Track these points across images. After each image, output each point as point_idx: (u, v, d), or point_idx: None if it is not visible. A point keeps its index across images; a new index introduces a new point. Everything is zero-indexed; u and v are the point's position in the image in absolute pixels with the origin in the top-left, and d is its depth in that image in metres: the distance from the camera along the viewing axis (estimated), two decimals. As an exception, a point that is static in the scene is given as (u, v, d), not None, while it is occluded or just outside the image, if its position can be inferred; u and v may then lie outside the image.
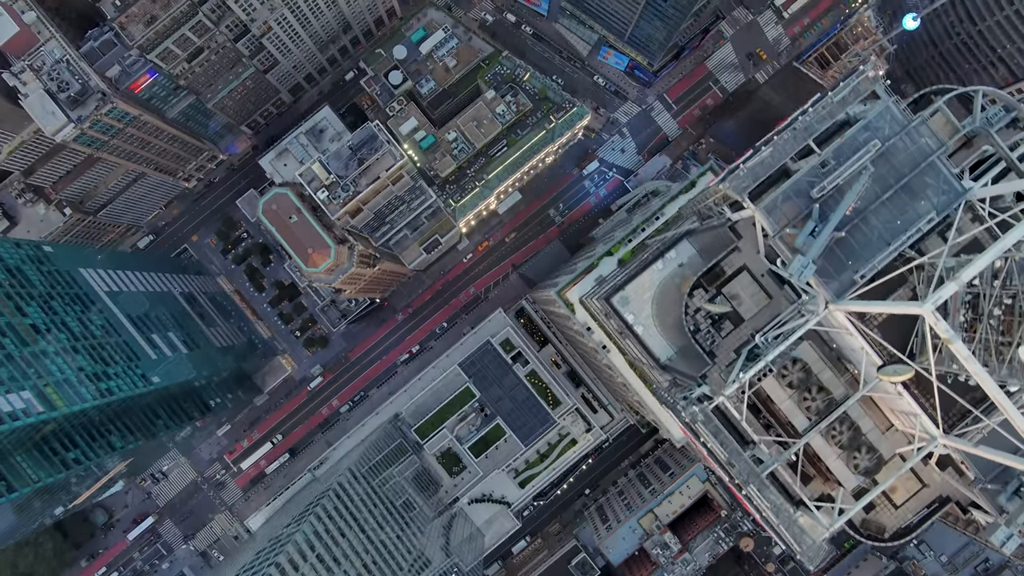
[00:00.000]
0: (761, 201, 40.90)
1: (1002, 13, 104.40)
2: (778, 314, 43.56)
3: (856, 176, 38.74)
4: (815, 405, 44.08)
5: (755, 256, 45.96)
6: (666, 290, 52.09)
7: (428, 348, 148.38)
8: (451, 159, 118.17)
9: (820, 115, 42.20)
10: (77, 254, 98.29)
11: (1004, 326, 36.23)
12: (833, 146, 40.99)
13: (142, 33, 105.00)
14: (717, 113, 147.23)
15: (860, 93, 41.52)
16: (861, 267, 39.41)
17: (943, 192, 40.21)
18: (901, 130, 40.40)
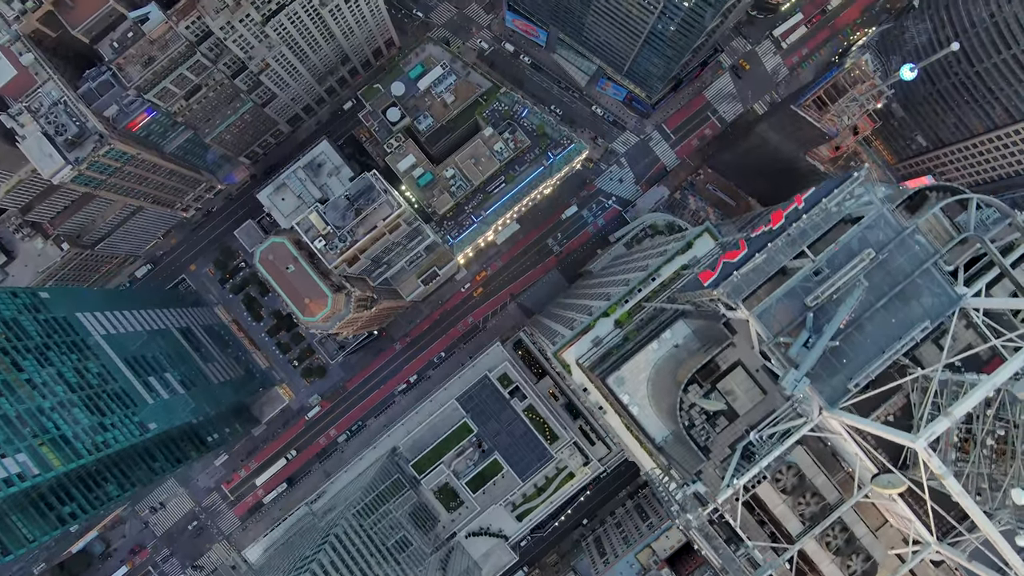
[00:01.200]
0: (755, 306, 40.93)
1: (999, 56, 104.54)
2: (773, 410, 43.61)
3: (850, 288, 38.79)
4: (809, 510, 44.17)
5: (750, 351, 46.03)
6: (662, 371, 52.07)
7: (426, 377, 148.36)
8: (449, 196, 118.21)
9: (814, 221, 42.25)
10: (74, 298, 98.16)
11: (996, 454, 36.33)
12: (827, 253, 41.03)
13: (140, 74, 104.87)
14: (715, 144, 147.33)
15: (856, 197, 41.52)
16: (855, 375, 39.46)
17: (937, 297, 40.24)
18: (896, 236, 40.44)
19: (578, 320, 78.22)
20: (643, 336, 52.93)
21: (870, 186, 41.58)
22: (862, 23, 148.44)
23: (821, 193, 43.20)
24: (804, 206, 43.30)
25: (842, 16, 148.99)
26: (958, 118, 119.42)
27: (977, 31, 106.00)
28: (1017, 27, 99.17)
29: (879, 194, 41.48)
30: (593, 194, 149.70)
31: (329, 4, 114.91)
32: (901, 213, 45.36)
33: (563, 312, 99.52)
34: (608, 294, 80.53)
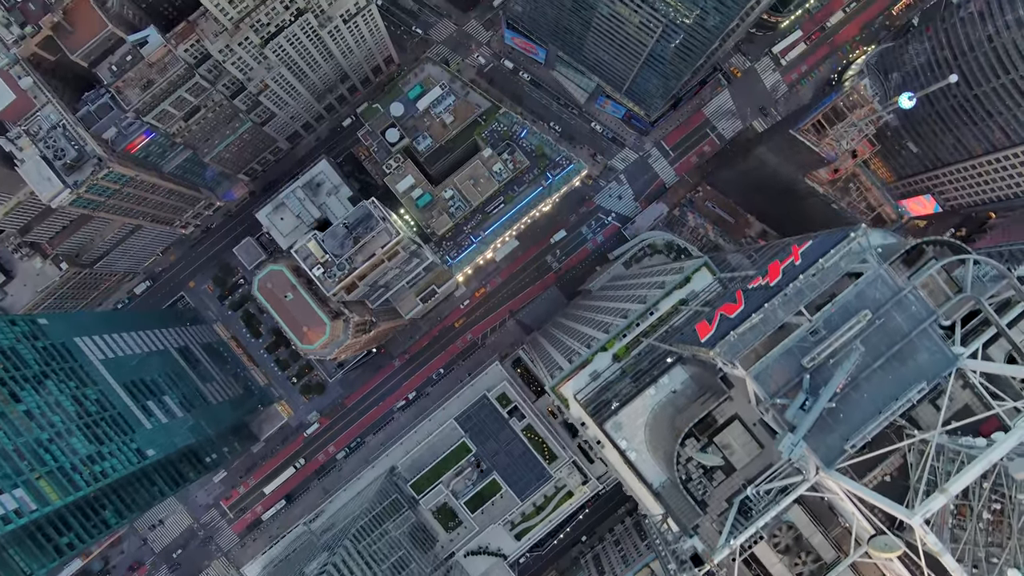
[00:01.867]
0: (752, 365, 40.97)
1: (997, 81, 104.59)
2: (771, 464, 43.63)
3: (847, 352, 38.83)
4: (806, 569, 44.21)
5: (747, 405, 46.08)
6: (660, 417, 52.09)
7: (425, 394, 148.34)
8: (448, 217, 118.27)
9: (811, 281, 42.27)
10: (72, 323, 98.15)
11: (993, 526, 36.36)
12: (824, 313, 41.06)
13: (138, 97, 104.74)
14: (715, 161, 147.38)
15: (853, 256, 41.58)
16: (852, 436, 39.49)
17: (934, 356, 40.26)
18: (892, 296, 40.48)
19: (576, 351, 78.26)
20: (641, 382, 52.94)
21: (867, 245, 41.58)
22: (861, 40, 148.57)
23: (818, 250, 43.20)
24: (801, 262, 43.33)
25: (841, 33, 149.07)
26: (957, 139, 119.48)
27: (975, 55, 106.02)
28: (1016, 53, 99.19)
29: (875, 254, 41.48)
30: (592, 211, 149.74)
31: (328, 26, 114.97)
32: (898, 267, 45.39)
33: (562, 336, 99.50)
34: (606, 324, 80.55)
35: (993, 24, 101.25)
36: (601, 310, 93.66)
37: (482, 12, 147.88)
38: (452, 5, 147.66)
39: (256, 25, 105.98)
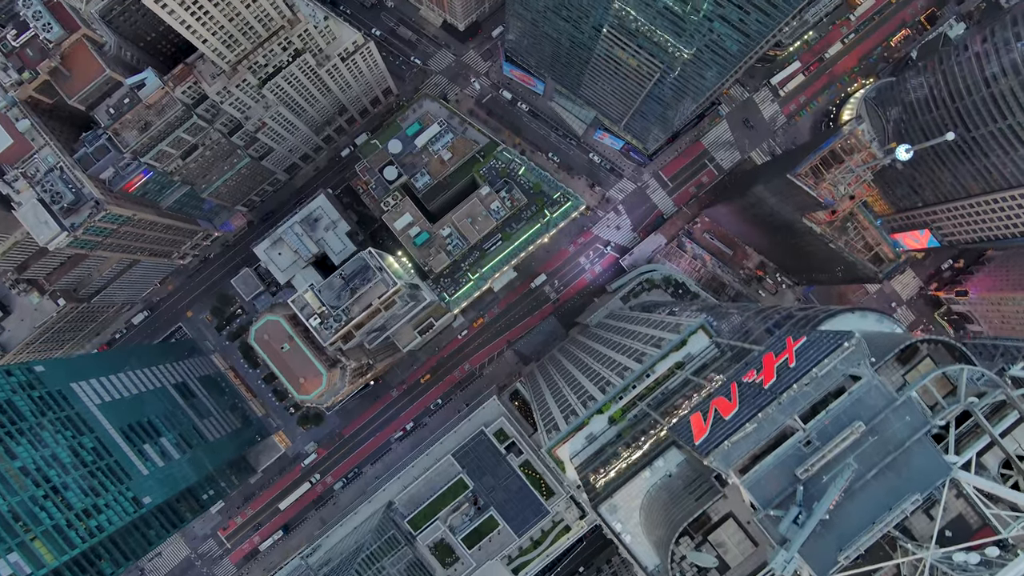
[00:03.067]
0: (746, 475, 40.96)
1: (995, 125, 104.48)
2: (765, 563, 43.60)
3: (841, 469, 38.84)
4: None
5: (741, 503, 46.09)
6: (655, 500, 52.07)
7: (422, 425, 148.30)
8: (446, 255, 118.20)
9: (805, 391, 42.27)
10: (69, 368, 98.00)
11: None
12: (817, 423, 41.06)
13: (136, 138, 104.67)
14: (713, 193, 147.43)
15: (848, 364, 41.56)
16: (845, 547, 39.47)
17: (927, 464, 40.26)
18: (887, 406, 40.48)
19: (573, 407, 78.15)
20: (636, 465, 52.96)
21: (861, 354, 41.57)
22: (859, 72, 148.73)
23: (812, 352, 43.17)
24: (796, 364, 43.32)
25: (840, 64, 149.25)
26: (954, 177, 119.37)
27: (973, 99, 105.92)
28: (1013, 100, 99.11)
29: (869, 363, 41.46)
30: (590, 241, 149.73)
31: (326, 64, 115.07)
32: (892, 364, 45.36)
33: (559, 381, 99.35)
34: (603, 379, 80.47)
35: (990, 68, 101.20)
36: (599, 357, 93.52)
37: (480, 43, 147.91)
38: (450, 36, 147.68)
39: (254, 67, 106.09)
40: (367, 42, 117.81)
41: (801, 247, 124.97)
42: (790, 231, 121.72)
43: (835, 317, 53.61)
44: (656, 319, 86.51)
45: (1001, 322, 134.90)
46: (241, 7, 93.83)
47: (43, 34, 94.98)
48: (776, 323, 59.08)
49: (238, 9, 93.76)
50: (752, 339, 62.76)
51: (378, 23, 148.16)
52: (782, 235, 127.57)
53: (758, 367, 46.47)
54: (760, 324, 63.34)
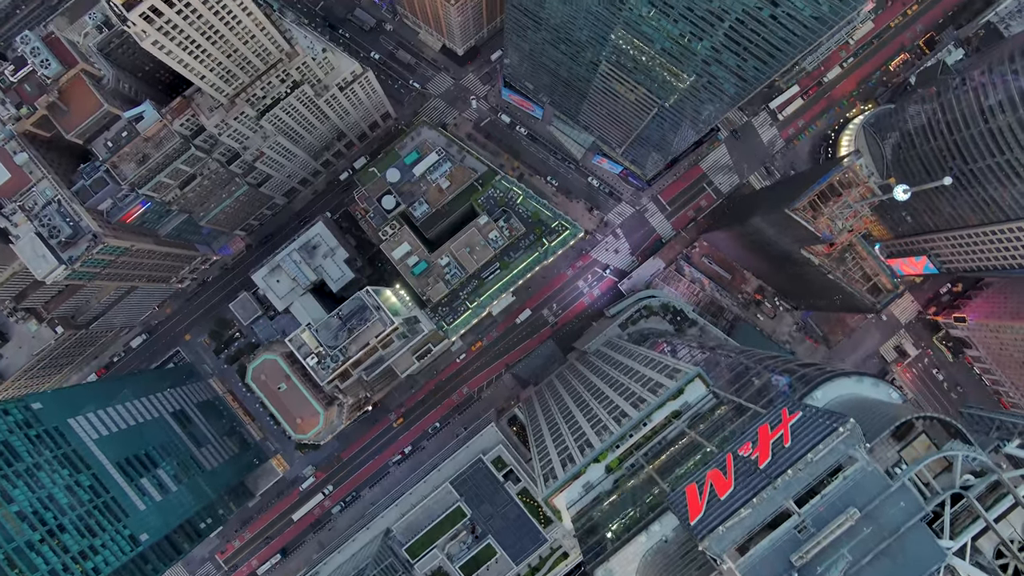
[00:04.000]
0: (742, 559, 40.91)
1: (993, 159, 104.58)
2: (759, 639, 43.54)
3: (835, 560, 38.80)
4: None
5: (736, 578, 46.12)
6: (651, 565, 52.04)
7: (420, 448, 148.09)
8: (444, 285, 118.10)
9: (799, 475, 42.24)
10: (66, 402, 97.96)
11: None
12: (812, 508, 41.03)
13: (134, 171, 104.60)
14: (711, 217, 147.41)
15: (838, 453, 41.56)
16: (841, 634, 39.48)
17: (922, 549, 40.23)
18: (881, 492, 40.46)
19: (570, 452, 78.08)
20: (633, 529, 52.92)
21: (855, 439, 41.53)
22: (858, 96, 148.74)
23: (807, 435, 43.13)
24: (791, 445, 43.29)
25: (838, 88, 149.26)
26: (953, 208, 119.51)
27: (971, 132, 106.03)
28: (1011, 135, 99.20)
29: (864, 449, 41.43)
30: (588, 264, 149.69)
31: (325, 95, 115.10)
32: (887, 440, 45.35)
33: (556, 417, 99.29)
34: (600, 421, 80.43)
35: (988, 103, 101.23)
36: (597, 394, 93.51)
37: (479, 66, 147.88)
38: (449, 59, 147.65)
39: (252, 99, 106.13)
40: (365, 72, 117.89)
41: (799, 275, 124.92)
42: (788, 260, 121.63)
43: (832, 381, 53.60)
44: (654, 359, 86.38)
45: (1000, 349, 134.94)
46: (239, 44, 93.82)
47: (41, 70, 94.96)
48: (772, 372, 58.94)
49: (236, 46, 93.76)
50: (749, 393, 62.71)
51: (377, 47, 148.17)
52: (780, 263, 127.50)
53: (754, 440, 46.44)
54: (758, 374, 63.30)
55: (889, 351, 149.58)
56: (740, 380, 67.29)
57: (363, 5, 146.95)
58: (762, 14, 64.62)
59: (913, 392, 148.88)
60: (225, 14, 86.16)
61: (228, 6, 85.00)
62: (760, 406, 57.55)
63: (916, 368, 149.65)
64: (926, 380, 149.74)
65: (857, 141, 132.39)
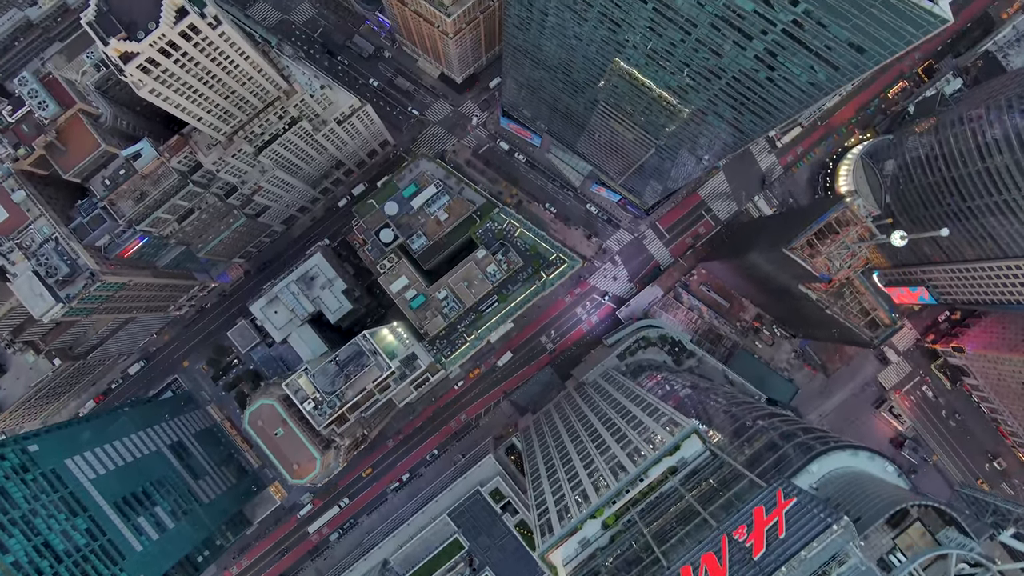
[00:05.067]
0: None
1: (990, 198, 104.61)
2: None
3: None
4: None
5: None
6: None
7: (418, 475, 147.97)
8: (442, 318, 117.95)
9: (792, 573, 42.19)
10: (63, 443, 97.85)
11: None
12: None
13: (132, 208, 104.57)
14: (710, 244, 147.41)
15: (833, 548, 41.52)
16: None
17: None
18: (875, 590, 40.52)
19: (567, 504, 77.96)
20: None
21: (849, 536, 41.51)
22: (857, 123, 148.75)
23: (802, 527, 43.10)
24: (786, 537, 43.25)
25: (837, 116, 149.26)
26: (951, 241, 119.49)
27: (968, 170, 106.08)
28: (1008, 176, 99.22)
29: (858, 547, 41.41)
30: (587, 291, 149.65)
31: (323, 129, 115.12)
32: (882, 527, 45.31)
33: (554, 456, 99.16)
34: (597, 473, 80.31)
35: (985, 142, 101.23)
36: (594, 436, 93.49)
37: (478, 93, 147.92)
38: (448, 87, 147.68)
39: (250, 136, 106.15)
40: (363, 105, 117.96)
41: (797, 307, 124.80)
42: (786, 293, 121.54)
43: (828, 455, 53.57)
44: (651, 404, 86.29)
45: (998, 379, 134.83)
46: (236, 86, 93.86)
47: (39, 112, 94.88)
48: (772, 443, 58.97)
49: (233, 88, 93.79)
50: (745, 456, 62.67)
51: (376, 73, 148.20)
52: (778, 294, 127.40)
53: (748, 524, 46.40)
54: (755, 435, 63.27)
55: (887, 378, 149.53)
56: (739, 437, 67.25)
57: (362, 32, 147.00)
58: (758, 75, 64.61)
59: (911, 419, 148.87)
60: (223, 60, 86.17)
61: (226, 52, 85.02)
62: (757, 473, 57.50)
63: (914, 395, 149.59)
64: (924, 407, 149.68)
65: (855, 172, 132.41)
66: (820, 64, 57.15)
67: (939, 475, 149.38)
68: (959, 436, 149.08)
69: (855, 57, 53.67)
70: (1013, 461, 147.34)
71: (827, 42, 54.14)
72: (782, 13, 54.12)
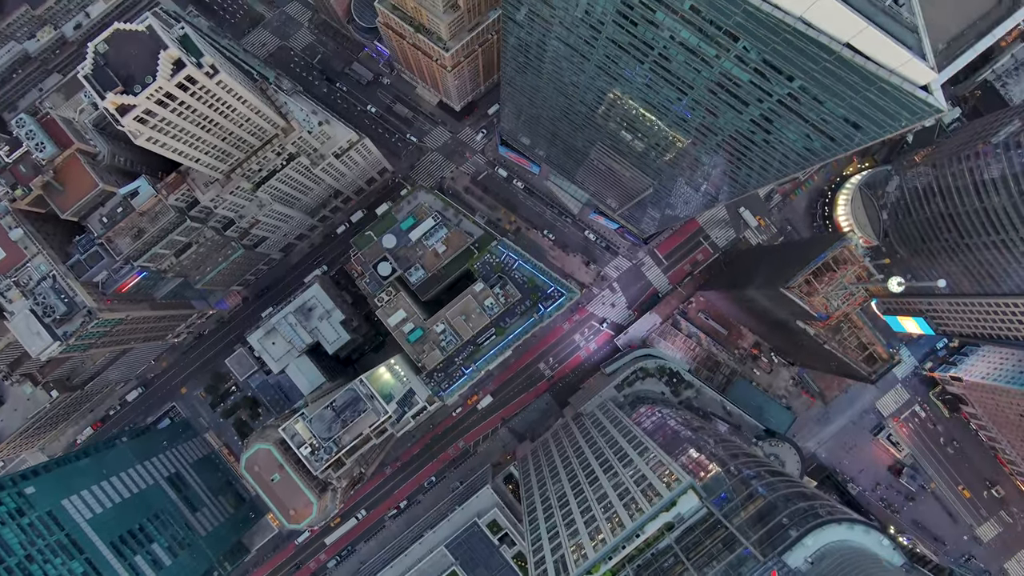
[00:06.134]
0: None
1: (988, 237, 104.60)
2: None
3: None
4: None
5: None
6: None
7: (416, 502, 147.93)
8: (439, 352, 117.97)
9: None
10: (61, 483, 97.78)
11: None
12: None
13: (129, 245, 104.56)
14: (708, 271, 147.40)
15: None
16: None
17: None
18: None
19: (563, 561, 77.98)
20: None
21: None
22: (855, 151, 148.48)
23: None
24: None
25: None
26: (949, 276, 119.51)
27: (967, 209, 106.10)
28: (1006, 217, 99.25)
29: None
30: (585, 318, 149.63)
31: (321, 163, 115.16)
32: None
33: (551, 496, 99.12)
34: (595, 523, 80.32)
35: (983, 183, 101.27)
36: (590, 476, 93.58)
37: (477, 120, 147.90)
38: (447, 113, 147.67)
39: (248, 173, 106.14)
40: (361, 139, 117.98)
41: (795, 339, 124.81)
42: (784, 326, 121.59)
43: (824, 528, 53.61)
44: (651, 451, 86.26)
45: (996, 409, 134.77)
46: (234, 127, 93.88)
47: (36, 153, 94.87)
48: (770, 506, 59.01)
49: (231, 129, 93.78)
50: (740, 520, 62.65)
51: (374, 100, 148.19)
52: (777, 326, 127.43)
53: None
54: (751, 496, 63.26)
55: (886, 406, 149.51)
56: (735, 496, 67.25)
57: (360, 59, 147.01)
58: (755, 137, 64.60)
59: (909, 446, 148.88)
60: (220, 105, 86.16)
61: (223, 98, 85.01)
62: (753, 541, 57.46)
63: (913, 423, 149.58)
64: (923, 435, 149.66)
65: (854, 203, 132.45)
66: (816, 134, 57.16)
67: (937, 502, 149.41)
68: (957, 463, 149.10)
69: (852, 131, 53.68)
70: (1011, 489, 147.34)
71: (823, 115, 54.15)
72: (778, 86, 54.13)
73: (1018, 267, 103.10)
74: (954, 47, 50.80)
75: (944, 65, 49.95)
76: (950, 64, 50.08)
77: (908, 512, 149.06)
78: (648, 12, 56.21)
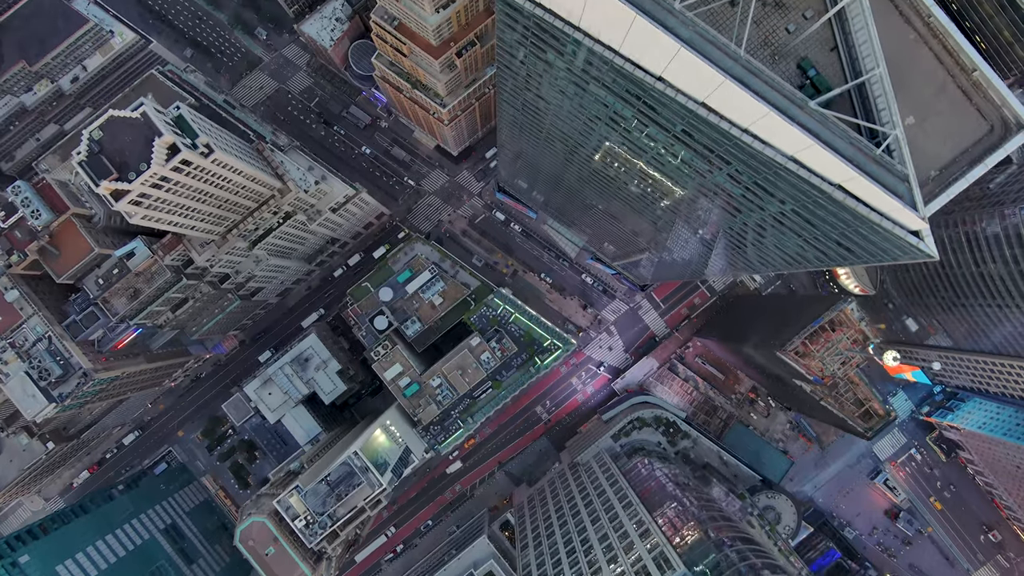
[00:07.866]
0: None
1: (985, 303, 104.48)
2: None
3: None
4: None
5: None
6: None
7: (412, 546, 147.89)
8: (435, 406, 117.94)
9: None
10: (55, 547, 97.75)
11: None
12: None
13: (126, 306, 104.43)
14: (705, 315, 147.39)
15: None
16: None
17: None
18: None
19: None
20: None
21: None
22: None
23: None
24: None
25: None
26: (946, 331, 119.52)
27: (963, 271, 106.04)
28: (1002, 284, 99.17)
29: None
30: (583, 362, 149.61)
31: (318, 219, 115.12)
32: None
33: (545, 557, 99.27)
34: None
35: (979, 251, 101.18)
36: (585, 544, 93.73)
37: (474, 163, 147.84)
38: (444, 157, 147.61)
39: (244, 233, 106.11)
40: (358, 192, 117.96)
41: (792, 392, 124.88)
42: (781, 381, 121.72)
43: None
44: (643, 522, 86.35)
45: (992, 458, 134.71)
46: (229, 195, 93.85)
47: (32, 220, 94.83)
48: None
49: (226, 197, 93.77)
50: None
51: (372, 143, 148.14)
52: (774, 378, 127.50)
53: None
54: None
55: (882, 450, 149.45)
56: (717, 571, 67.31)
57: (358, 103, 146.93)
58: (748, 236, 64.56)
59: (906, 490, 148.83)
60: (215, 179, 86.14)
61: (219, 173, 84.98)
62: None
63: (910, 467, 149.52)
64: (919, 478, 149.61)
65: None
66: (809, 247, 57.14)
67: (934, 546, 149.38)
68: (954, 508, 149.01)
69: (845, 253, 53.66)
70: (1008, 533, 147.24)
71: (816, 236, 54.11)
72: (770, 205, 54.11)
73: (1013, 330, 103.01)
74: (946, 174, 50.80)
75: (937, 193, 49.90)
76: (944, 192, 50.00)
77: (905, 556, 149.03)
78: (640, 126, 56.21)
